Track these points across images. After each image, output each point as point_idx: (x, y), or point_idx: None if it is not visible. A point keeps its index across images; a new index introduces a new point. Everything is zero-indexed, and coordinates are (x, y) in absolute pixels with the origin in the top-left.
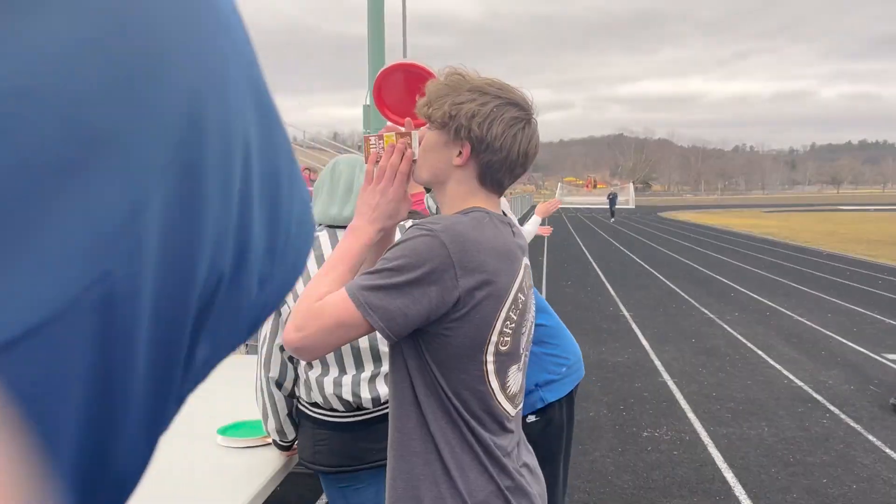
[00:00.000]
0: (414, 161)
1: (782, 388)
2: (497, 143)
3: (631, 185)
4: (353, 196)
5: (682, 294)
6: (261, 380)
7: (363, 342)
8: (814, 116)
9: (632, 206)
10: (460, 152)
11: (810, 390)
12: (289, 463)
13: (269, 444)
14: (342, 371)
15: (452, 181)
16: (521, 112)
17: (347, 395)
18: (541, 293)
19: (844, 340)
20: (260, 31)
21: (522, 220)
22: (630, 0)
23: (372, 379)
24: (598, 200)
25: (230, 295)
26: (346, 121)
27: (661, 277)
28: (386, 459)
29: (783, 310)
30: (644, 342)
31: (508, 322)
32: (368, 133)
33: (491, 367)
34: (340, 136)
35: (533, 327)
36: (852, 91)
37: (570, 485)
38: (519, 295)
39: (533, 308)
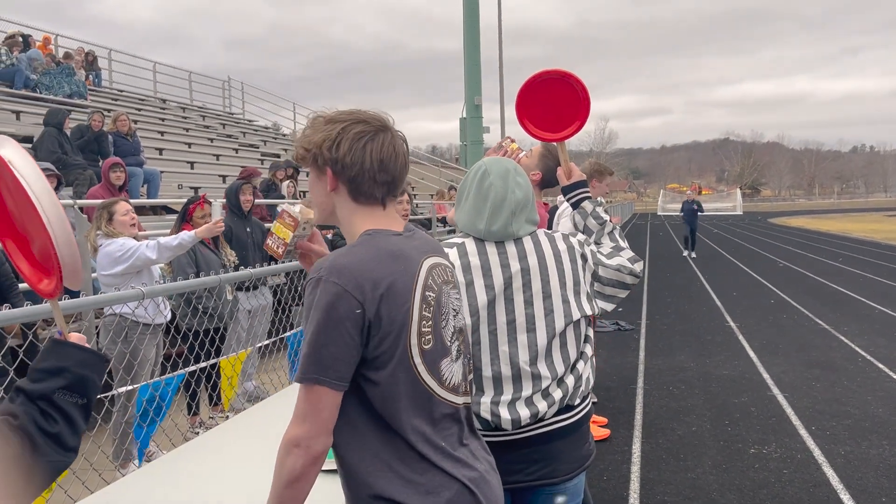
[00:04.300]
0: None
1: None
2: (348, 158)
3: (738, 190)
4: (503, 212)
5: (794, 303)
6: None
7: (504, 368)
8: None
9: (739, 212)
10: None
11: None
12: None
13: None
14: (480, 392)
15: (337, 208)
16: (366, 126)
17: (486, 414)
18: (641, 304)
19: None
20: (353, 51)
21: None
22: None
23: (513, 402)
24: (706, 207)
25: None
26: (442, 135)
27: (770, 286)
28: (516, 484)
29: None
30: (751, 354)
31: (424, 322)
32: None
33: (421, 368)
34: (438, 150)
35: (461, 320)
36: None
37: (670, 502)
38: (427, 293)
39: (457, 303)
